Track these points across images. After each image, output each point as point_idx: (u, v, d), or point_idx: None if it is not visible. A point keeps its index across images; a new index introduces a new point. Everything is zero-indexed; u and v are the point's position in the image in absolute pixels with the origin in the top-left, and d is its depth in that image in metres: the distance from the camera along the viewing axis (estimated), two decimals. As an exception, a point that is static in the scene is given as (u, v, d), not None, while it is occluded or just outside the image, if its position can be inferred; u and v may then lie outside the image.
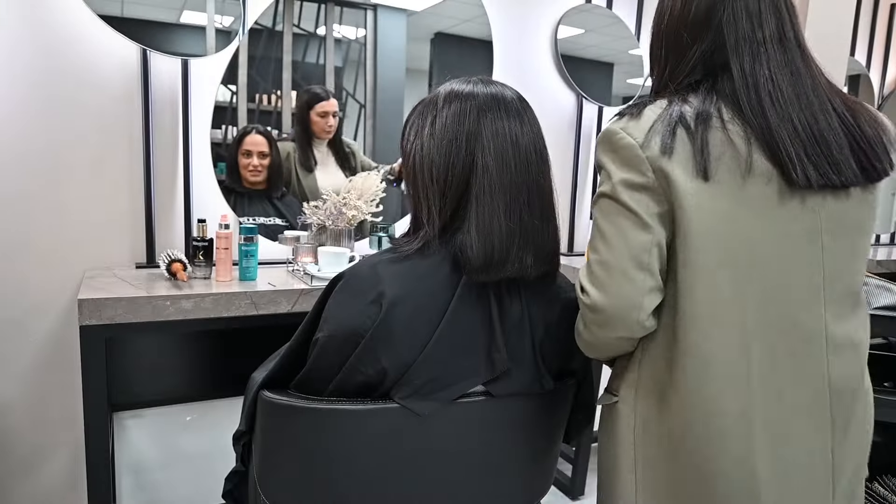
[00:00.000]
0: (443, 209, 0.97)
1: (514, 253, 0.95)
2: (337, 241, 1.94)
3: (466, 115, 0.97)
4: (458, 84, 1.01)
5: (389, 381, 0.94)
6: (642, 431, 0.96)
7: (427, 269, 0.95)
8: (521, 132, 0.98)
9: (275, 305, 1.69)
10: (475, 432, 1.01)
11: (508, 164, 0.96)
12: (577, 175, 2.65)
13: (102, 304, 1.50)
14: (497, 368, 0.97)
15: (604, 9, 2.60)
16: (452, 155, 0.96)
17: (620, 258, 0.89)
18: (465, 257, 0.94)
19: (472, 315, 0.96)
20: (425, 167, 0.98)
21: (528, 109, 1.02)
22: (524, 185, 0.97)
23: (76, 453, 1.89)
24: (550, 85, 2.55)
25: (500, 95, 1.00)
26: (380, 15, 2.21)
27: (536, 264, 0.98)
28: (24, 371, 1.83)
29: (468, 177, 0.95)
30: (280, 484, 1.02)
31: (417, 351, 0.93)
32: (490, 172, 0.95)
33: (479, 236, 0.94)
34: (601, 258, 0.91)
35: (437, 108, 0.99)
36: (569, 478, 2.46)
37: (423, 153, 0.98)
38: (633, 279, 0.88)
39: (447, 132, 0.97)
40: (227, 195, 2.03)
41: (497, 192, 0.95)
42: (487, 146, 0.95)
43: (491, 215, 0.94)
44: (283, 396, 0.98)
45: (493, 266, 0.94)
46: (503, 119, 0.97)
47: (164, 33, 1.86)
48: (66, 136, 1.79)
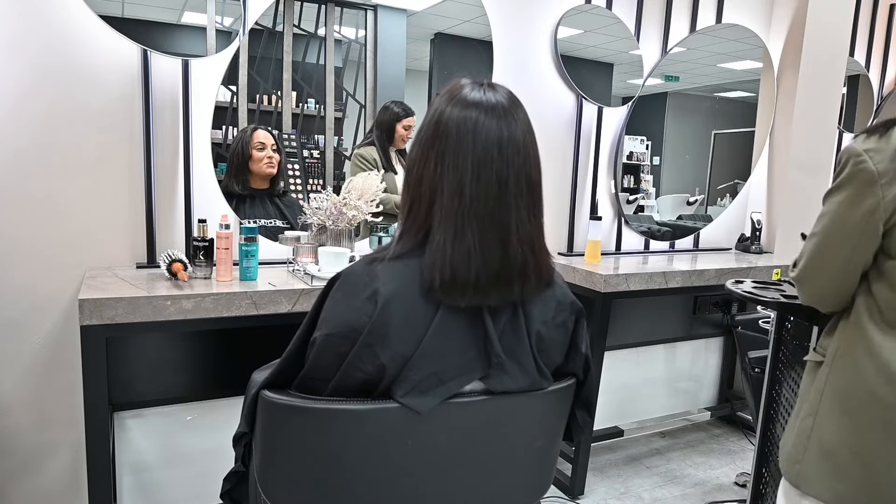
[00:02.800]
0: (408, 222, 0.97)
1: (469, 283, 0.93)
2: (337, 242, 1.95)
3: (438, 129, 0.95)
4: (457, 87, 0.99)
5: (388, 378, 0.94)
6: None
7: (421, 268, 0.96)
8: (488, 154, 0.94)
9: (275, 305, 1.69)
10: (475, 432, 1.01)
11: (465, 191, 0.93)
12: (576, 175, 2.65)
13: (103, 304, 1.50)
14: (492, 361, 0.97)
15: (604, 9, 2.61)
16: (420, 172, 0.96)
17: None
18: (426, 278, 0.94)
19: (467, 311, 0.96)
20: (406, 177, 0.99)
21: (510, 122, 0.97)
22: (482, 215, 0.94)
23: (77, 453, 1.89)
24: (550, 85, 2.55)
25: (481, 108, 0.96)
26: (380, 15, 2.21)
27: (504, 293, 0.96)
28: (25, 371, 1.83)
29: (431, 199, 0.95)
30: (281, 484, 1.02)
31: (414, 346, 0.93)
32: (446, 199, 0.94)
33: (431, 260, 0.93)
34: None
35: (427, 113, 0.99)
36: (569, 478, 2.46)
37: (408, 167, 0.99)
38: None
39: (419, 146, 0.97)
40: (228, 195, 2.04)
41: (451, 219, 0.93)
42: (450, 168, 0.94)
43: (444, 243, 0.93)
44: (284, 396, 0.99)
45: (449, 292, 0.93)
46: (470, 139, 0.94)
47: (165, 34, 1.86)
48: (67, 137, 1.79)
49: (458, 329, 0.96)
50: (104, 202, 1.86)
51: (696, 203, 3.15)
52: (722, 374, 3.29)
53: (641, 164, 2.94)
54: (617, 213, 2.81)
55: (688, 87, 3.01)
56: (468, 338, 0.97)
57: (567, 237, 2.68)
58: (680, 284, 2.39)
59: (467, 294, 0.94)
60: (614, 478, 2.62)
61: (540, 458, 1.12)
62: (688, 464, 2.78)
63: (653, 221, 3.00)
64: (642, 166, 2.95)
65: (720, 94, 3.15)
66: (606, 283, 2.23)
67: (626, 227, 2.84)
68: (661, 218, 3.04)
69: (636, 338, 2.91)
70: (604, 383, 2.58)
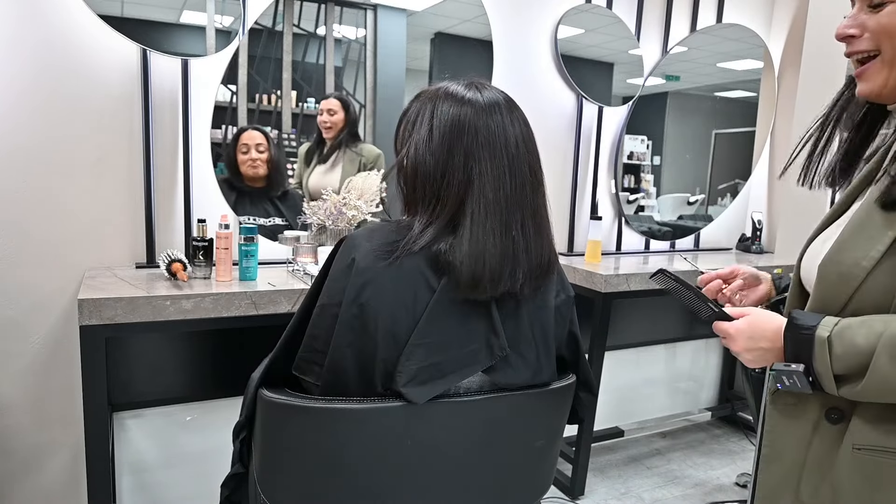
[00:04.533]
0: (436, 220, 0.97)
1: (506, 273, 0.96)
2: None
3: (464, 129, 0.96)
4: (454, 88, 1.01)
5: (381, 361, 0.94)
6: None
7: (437, 255, 0.96)
8: (517, 147, 0.98)
9: (275, 305, 1.69)
10: (475, 430, 1.01)
11: (505, 185, 0.96)
12: (577, 175, 2.65)
13: (102, 304, 1.50)
14: (495, 354, 0.97)
15: (604, 9, 2.60)
16: (448, 171, 0.96)
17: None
18: (454, 273, 0.94)
19: (468, 301, 0.96)
20: (419, 175, 0.99)
21: (517, 116, 1.01)
22: (518, 205, 0.97)
23: (76, 453, 1.89)
24: (550, 85, 2.55)
25: (497, 106, 0.99)
26: (380, 15, 2.21)
27: (529, 280, 0.99)
28: (24, 371, 1.83)
29: (463, 195, 0.96)
30: (280, 483, 1.02)
31: (407, 327, 0.93)
32: (486, 193, 0.95)
33: (471, 256, 0.94)
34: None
35: (433, 115, 0.99)
36: (569, 478, 2.46)
37: (418, 161, 0.99)
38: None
39: (444, 144, 0.97)
40: (228, 195, 2.03)
41: (492, 213, 0.95)
42: (484, 164, 0.96)
43: (485, 236, 0.94)
44: (283, 396, 0.98)
45: (482, 285, 0.95)
46: (501, 134, 0.97)
47: (165, 33, 1.86)
48: (67, 136, 1.79)
49: (460, 319, 0.96)
50: (103, 202, 1.86)
51: (696, 203, 3.15)
52: (722, 375, 3.29)
53: (642, 164, 2.94)
54: (617, 213, 2.81)
55: (688, 86, 3.01)
56: (471, 329, 0.97)
57: (567, 237, 2.67)
58: (680, 284, 2.38)
59: (498, 286, 0.95)
60: (614, 478, 2.62)
61: (540, 458, 1.11)
62: (688, 464, 2.78)
63: (653, 221, 2.99)
64: (643, 166, 2.94)
65: (721, 93, 3.14)
66: (607, 283, 2.23)
67: (626, 226, 2.84)
68: (662, 218, 3.03)
69: (636, 338, 2.91)
70: (604, 383, 2.57)
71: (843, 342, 0.79)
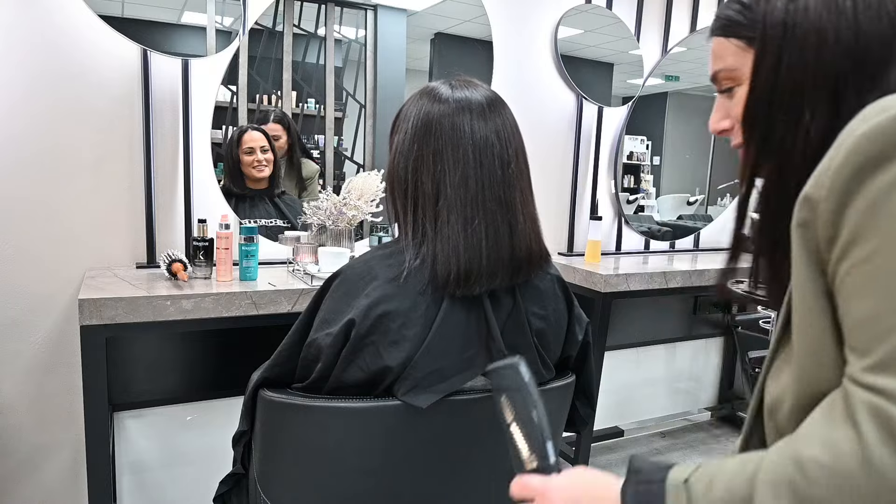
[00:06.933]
0: (415, 223, 0.97)
1: (483, 269, 0.95)
2: (337, 242, 1.95)
3: (430, 129, 0.96)
4: (434, 87, 1.01)
5: (392, 376, 0.94)
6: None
7: (427, 263, 0.96)
8: (486, 141, 0.97)
9: (275, 305, 1.69)
10: (475, 430, 1.01)
11: (470, 181, 0.95)
12: (576, 175, 2.65)
13: (103, 303, 1.50)
14: (494, 357, 0.97)
15: (604, 9, 2.61)
16: (419, 172, 0.96)
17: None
18: (434, 274, 0.94)
19: (468, 308, 0.96)
20: (395, 182, 1.00)
21: (497, 110, 1.00)
22: (491, 200, 0.96)
23: (77, 453, 1.89)
24: (550, 85, 2.55)
25: (467, 102, 0.98)
26: (380, 15, 2.21)
27: (515, 274, 0.98)
28: (25, 371, 1.83)
29: (437, 195, 0.96)
30: (280, 482, 1.02)
31: (417, 345, 0.93)
32: (455, 189, 0.95)
33: (445, 255, 0.94)
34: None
35: (410, 115, 0.99)
36: (569, 478, 2.46)
37: (394, 166, 1.00)
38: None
39: (414, 144, 0.97)
40: (228, 195, 2.04)
41: (460, 210, 0.95)
42: (447, 162, 0.95)
43: (454, 234, 0.94)
44: (283, 395, 0.98)
45: (462, 283, 0.94)
46: (468, 129, 0.96)
47: (165, 33, 1.86)
48: (67, 137, 1.79)
49: (460, 325, 0.96)
50: (104, 202, 1.86)
51: (696, 203, 3.15)
52: (722, 375, 3.29)
53: (641, 164, 2.94)
54: (617, 213, 2.81)
55: (688, 86, 3.01)
56: (470, 334, 0.97)
57: (567, 237, 2.68)
58: (680, 284, 2.39)
59: (481, 281, 0.95)
60: (614, 478, 2.62)
61: (540, 458, 1.11)
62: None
63: (653, 221, 2.99)
64: (642, 166, 2.94)
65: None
66: (606, 283, 2.23)
67: (626, 227, 2.84)
68: (662, 218, 3.04)
69: (636, 338, 2.91)
70: (604, 383, 2.57)
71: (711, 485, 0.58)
